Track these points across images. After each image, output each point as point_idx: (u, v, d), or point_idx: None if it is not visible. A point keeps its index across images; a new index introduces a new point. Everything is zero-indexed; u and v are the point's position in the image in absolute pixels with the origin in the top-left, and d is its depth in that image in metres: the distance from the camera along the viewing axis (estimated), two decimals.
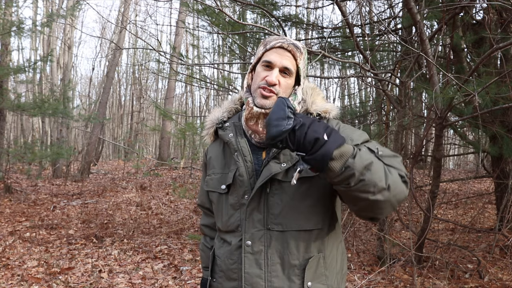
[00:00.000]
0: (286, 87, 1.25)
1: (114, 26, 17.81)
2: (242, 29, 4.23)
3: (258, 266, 1.22)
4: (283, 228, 1.22)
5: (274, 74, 1.23)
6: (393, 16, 5.26)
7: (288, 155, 1.24)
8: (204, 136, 1.43)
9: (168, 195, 9.17)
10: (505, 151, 3.96)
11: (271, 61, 1.24)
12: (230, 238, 1.30)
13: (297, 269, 1.21)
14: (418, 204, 3.75)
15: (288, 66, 1.24)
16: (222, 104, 1.44)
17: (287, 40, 1.26)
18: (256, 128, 1.28)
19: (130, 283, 3.87)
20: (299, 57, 1.26)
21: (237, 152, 1.27)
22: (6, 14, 8.51)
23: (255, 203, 1.23)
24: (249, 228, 1.24)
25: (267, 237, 1.23)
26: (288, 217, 1.22)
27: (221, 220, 1.33)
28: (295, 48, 1.25)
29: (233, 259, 1.27)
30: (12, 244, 5.17)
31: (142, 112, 22.63)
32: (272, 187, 1.23)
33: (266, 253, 1.22)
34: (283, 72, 1.24)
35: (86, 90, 28.41)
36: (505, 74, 2.98)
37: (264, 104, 1.24)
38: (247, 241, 1.23)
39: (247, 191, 1.25)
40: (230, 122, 1.35)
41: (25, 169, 11.25)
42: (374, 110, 5.87)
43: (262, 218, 1.23)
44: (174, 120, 7.58)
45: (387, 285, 3.63)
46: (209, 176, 1.39)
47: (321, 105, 1.30)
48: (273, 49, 1.26)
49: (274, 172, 1.20)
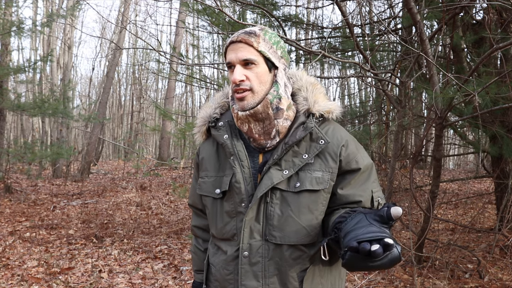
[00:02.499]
0: (256, 77, 1.16)
1: (114, 26, 17.81)
2: (242, 29, 4.22)
3: (255, 278, 1.17)
4: (281, 241, 1.16)
5: (237, 72, 1.15)
6: (393, 16, 5.25)
7: (290, 161, 1.17)
8: (195, 133, 1.34)
9: (168, 195, 9.17)
10: (505, 151, 3.96)
11: (230, 61, 1.17)
12: (226, 247, 1.23)
13: (294, 281, 1.17)
14: (418, 204, 3.75)
15: (246, 56, 1.15)
16: (213, 99, 1.35)
17: (238, 32, 1.18)
18: (252, 135, 1.20)
19: (130, 283, 3.87)
20: (255, 42, 1.16)
21: (233, 157, 1.20)
22: (6, 14, 8.51)
23: (253, 213, 1.17)
24: (246, 238, 1.17)
25: (265, 248, 1.17)
26: (288, 229, 1.16)
27: (216, 227, 1.26)
28: (246, 35, 1.16)
29: (229, 269, 1.21)
30: (12, 244, 5.17)
31: (142, 112, 22.63)
32: (273, 196, 1.16)
33: (264, 264, 1.17)
34: (246, 65, 1.16)
35: (86, 90, 28.44)
36: (505, 74, 2.98)
37: (243, 106, 1.17)
38: (244, 252, 1.18)
39: (244, 199, 1.18)
40: (223, 120, 1.27)
41: (25, 169, 11.25)
42: (374, 110, 5.87)
43: (260, 228, 1.17)
44: (174, 120, 7.58)
45: (387, 285, 3.63)
46: (202, 178, 1.30)
47: (324, 105, 1.21)
48: (227, 49, 1.19)
49: (276, 181, 1.14)
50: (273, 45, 1.20)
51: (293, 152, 1.17)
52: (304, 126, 1.18)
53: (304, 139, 1.18)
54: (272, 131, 1.19)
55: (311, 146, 1.18)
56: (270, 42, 1.19)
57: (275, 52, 1.20)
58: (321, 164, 1.18)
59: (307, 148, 1.18)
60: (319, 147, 1.17)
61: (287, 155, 1.17)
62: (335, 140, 1.19)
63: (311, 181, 1.16)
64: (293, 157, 1.17)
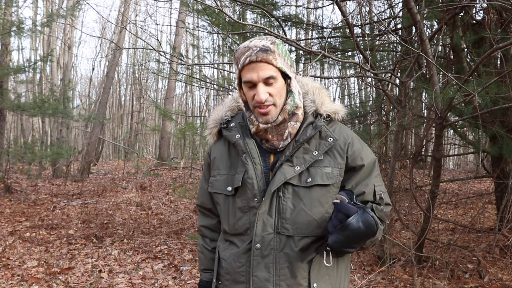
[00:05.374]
0: (277, 92, 1.23)
1: (114, 26, 17.81)
2: (242, 29, 4.23)
3: (267, 269, 1.23)
4: (293, 233, 1.23)
5: (260, 91, 1.20)
6: (393, 16, 5.25)
7: (301, 157, 1.24)
8: (206, 135, 1.41)
9: (168, 195, 9.17)
10: (505, 151, 3.96)
11: (251, 80, 1.21)
12: (238, 241, 1.29)
13: (304, 272, 1.23)
14: (418, 204, 3.75)
15: (268, 75, 1.20)
16: (224, 103, 1.43)
17: (253, 50, 1.20)
18: (266, 136, 1.27)
19: (130, 283, 3.87)
20: (273, 59, 1.20)
21: (245, 154, 1.27)
22: (6, 14, 8.51)
23: (266, 207, 1.23)
24: (259, 231, 1.23)
25: (276, 241, 1.23)
26: (300, 222, 1.22)
27: (228, 223, 1.32)
28: (264, 54, 1.19)
29: (241, 262, 1.27)
30: (12, 244, 5.17)
31: (142, 112, 22.63)
32: (285, 191, 1.23)
33: (276, 257, 1.23)
34: (267, 82, 1.21)
35: (86, 90, 28.44)
36: (505, 74, 2.98)
37: (267, 120, 1.24)
38: (256, 244, 1.23)
39: (257, 194, 1.24)
40: (235, 122, 1.34)
41: (25, 169, 11.25)
42: (374, 110, 5.86)
43: (273, 222, 1.23)
44: (174, 120, 7.58)
45: (387, 285, 3.63)
46: (214, 177, 1.36)
47: (330, 106, 1.30)
48: (246, 67, 1.21)
49: (289, 176, 1.21)
50: (285, 57, 1.25)
51: (304, 149, 1.25)
52: (314, 125, 1.26)
53: (314, 137, 1.26)
54: (285, 132, 1.27)
55: (320, 143, 1.26)
56: (282, 55, 1.24)
57: (287, 63, 1.26)
58: (330, 160, 1.26)
59: (316, 146, 1.26)
60: (328, 144, 1.25)
61: (298, 152, 1.25)
62: (342, 138, 1.28)
63: (321, 176, 1.24)
64: (304, 154, 1.25)
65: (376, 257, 4.26)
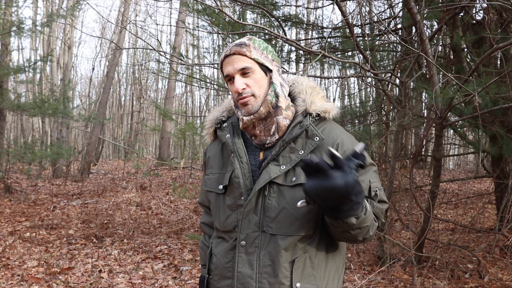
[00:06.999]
0: (255, 83, 1.26)
1: (114, 26, 17.81)
2: (242, 29, 4.23)
3: (250, 266, 1.25)
4: (277, 232, 1.23)
5: (237, 82, 1.25)
6: (393, 16, 5.26)
7: (287, 157, 1.25)
8: (204, 136, 1.45)
9: (168, 195, 9.17)
10: (505, 151, 3.96)
11: (228, 73, 1.27)
12: (228, 238, 1.32)
13: (286, 271, 1.23)
14: (418, 204, 3.75)
15: (242, 66, 1.25)
16: (222, 103, 1.46)
17: (229, 46, 1.29)
18: (254, 132, 1.30)
19: (130, 283, 3.87)
20: (247, 51, 1.26)
21: (233, 154, 1.30)
22: (6, 14, 8.51)
23: (252, 205, 1.25)
24: (244, 229, 1.26)
25: (261, 239, 1.25)
26: (283, 221, 1.23)
27: (219, 220, 1.35)
28: (238, 47, 1.26)
29: (228, 257, 1.30)
30: (12, 244, 5.17)
31: (142, 112, 22.63)
32: (270, 190, 1.24)
33: (259, 254, 1.24)
34: (244, 74, 1.26)
35: (86, 90, 28.45)
36: (505, 74, 2.98)
37: (248, 111, 1.27)
38: (241, 241, 1.26)
39: (243, 193, 1.26)
40: (228, 122, 1.37)
41: (25, 169, 11.24)
42: (374, 110, 5.86)
43: (258, 220, 1.25)
44: (174, 120, 7.58)
45: (387, 285, 3.63)
46: (207, 176, 1.41)
47: (320, 105, 1.30)
48: (223, 63, 1.29)
49: (273, 176, 1.22)
50: (263, 50, 1.30)
51: (290, 149, 1.26)
52: (301, 125, 1.26)
53: (301, 136, 1.26)
54: (271, 127, 1.28)
55: (306, 142, 1.26)
56: (260, 49, 1.29)
57: (266, 57, 1.30)
58: None
59: (303, 145, 1.26)
60: (314, 143, 1.24)
61: (285, 151, 1.25)
62: (330, 138, 1.27)
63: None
64: (290, 153, 1.25)
65: (376, 257, 4.26)
